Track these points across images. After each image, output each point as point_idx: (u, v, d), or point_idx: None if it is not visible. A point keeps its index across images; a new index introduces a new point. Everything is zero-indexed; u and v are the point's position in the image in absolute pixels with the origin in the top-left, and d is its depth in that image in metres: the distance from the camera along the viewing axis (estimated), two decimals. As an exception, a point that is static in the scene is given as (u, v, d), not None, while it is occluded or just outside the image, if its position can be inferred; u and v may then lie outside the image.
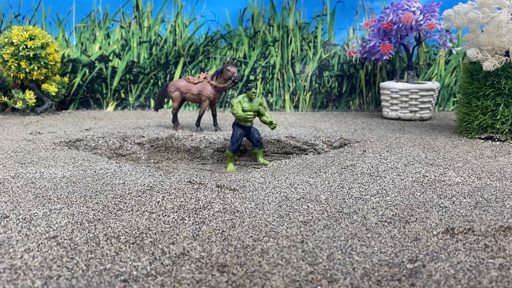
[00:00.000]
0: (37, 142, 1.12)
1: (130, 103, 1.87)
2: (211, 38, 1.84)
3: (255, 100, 1.02)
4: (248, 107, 1.01)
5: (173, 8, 1.84)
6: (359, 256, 0.45)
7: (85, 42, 1.87)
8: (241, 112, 1.00)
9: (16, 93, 1.65)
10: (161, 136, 1.23)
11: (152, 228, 0.54)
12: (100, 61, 1.85)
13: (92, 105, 1.86)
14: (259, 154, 1.06)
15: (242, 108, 1.00)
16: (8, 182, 0.76)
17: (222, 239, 0.50)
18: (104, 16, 1.83)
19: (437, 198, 0.66)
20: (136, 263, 0.44)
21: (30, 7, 1.83)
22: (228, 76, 1.34)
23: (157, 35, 1.85)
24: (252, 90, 1.00)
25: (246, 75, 1.85)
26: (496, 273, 0.41)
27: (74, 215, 0.59)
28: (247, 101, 1.01)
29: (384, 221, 0.56)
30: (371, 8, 1.79)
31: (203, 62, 1.87)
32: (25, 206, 0.63)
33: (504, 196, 0.66)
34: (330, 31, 1.82)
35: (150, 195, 0.69)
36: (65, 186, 0.74)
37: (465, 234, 0.51)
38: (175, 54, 1.86)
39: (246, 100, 1.01)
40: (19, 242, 0.49)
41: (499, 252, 0.45)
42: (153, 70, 1.87)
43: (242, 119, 1.01)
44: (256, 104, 1.02)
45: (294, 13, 1.81)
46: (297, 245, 0.48)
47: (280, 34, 1.81)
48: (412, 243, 0.48)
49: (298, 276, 0.41)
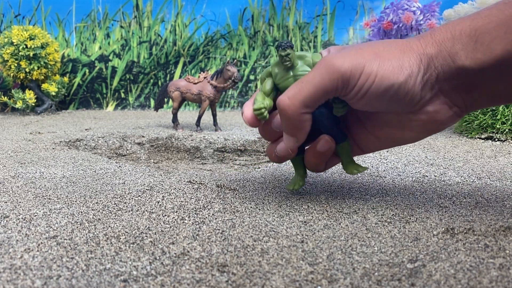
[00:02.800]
0: (37, 142, 1.12)
1: (130, 103, 1.87)
2: (211, 38, 1.84)
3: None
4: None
5: (173, 8, 1.84)
6: (359, 256, 0.45)
7: (85, 42, 1.86)
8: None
9: (16, 93, 1.64)
10: (161, 136, 1.23)
11: (152, 228, 0.54)
12: (100, 61, 1.85)
13: (92, 105, 1.86)
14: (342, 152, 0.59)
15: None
16: (8, 182, 0.76)
17: (222, 239, 0.50)
18: (104, 16, 1.83)
19: (437, 198, 0.66)
20: (136, 263, 0.44)
21: (30, 7, 1.83)
22: (228, 76, 1.34)
23: (157, 35, 1.85)
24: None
25: (246, 75, 1.85)
26: (496, 273, 0.41)
27: (74, 215, 0.59)
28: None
29: (384, 221, 0.56)
30: (371, 8, 1.79)
31: (203, 62, 1.86)
32: (25, 206, 0.63)
33: (504, 196, 0.66)
34: (330, 31, 1.81)
35: (150, 195, 0.69)
36: (65, 186, 0.74)
37: (465, 234, 0.51)
38: (175, 54, 1.86)
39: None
40: (19, 242, 0.49)
41: (499, 252, 0.45)
42: (153, 70, 1.86)
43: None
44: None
45: (294, 13, 1.81)
46: (297, 245, 0.48)
47: (280, 34, 1.81)
48: (412, 243, 0.48)
49: (298, 276, 0.41)
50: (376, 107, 0.52)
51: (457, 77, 0.49)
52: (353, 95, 0.50)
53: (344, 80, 0.49)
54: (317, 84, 0.49)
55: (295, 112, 0.51)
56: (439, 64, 0.49)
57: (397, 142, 0.58)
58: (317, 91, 0.50)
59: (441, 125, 0.53)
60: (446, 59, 0.48)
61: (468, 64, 0.47)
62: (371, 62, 0.48)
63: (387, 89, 0.48)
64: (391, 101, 0.50)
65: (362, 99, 0.50)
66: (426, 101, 0.51)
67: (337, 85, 0.49)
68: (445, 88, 0.50)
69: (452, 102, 0.52)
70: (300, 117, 0.51)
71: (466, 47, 0.47)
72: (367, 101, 0.50)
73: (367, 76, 0.48)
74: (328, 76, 0.49)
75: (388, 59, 0.48)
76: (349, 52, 0.50)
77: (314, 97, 0.50)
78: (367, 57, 0.49)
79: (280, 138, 0.59)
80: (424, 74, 0.49)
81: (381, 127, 0.57)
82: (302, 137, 0.55)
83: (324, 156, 0.59)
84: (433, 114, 0.52)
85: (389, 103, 0.51)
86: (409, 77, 0.48)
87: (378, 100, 0.50)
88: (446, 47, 0.48)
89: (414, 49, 0.50)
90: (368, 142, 0.60)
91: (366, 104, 0.51)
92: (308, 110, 0.51)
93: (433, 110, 0.52)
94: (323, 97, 0.50)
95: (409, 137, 0.56)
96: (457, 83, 0.49)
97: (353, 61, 0.48)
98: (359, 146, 0.61)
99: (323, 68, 0.49)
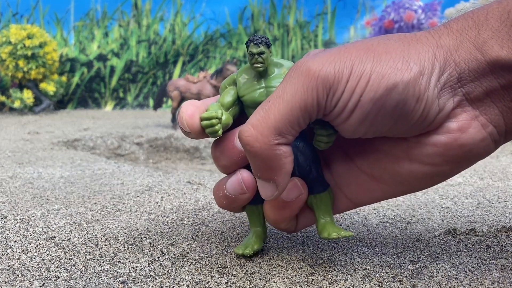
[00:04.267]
0: (35, 142, 1.12)
1: (128, 103, 1.87)
2: (211, 37, 1.83)
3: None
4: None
5: (172, 7, 1.83)
6: (360, 257, 0.44)
7: (84, 41, 1.86)
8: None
9: (14, 92, 1.64)
10: (160, 135, 1.22)
11: (151, 229, 0.53)
12: (98, 60, 1.84)
13: (90, 105, 1.85)
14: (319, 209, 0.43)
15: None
16: (6, 182, 0.76)
17: (222, 240, 0.50)
18: (102, 15, 1.82)
19: (439, 198, 0.65)
20: (135, 264, 0.43)
21: (28, 6, 1.82)
22: (227, 75, 1.34)
23: (156, 34, 1.84)
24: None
25: (246, 74, 1.85)
26: (498, 274, 0.40)
27: (72, 215, 0.58)
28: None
29: (385, 222, 0.55)
30: (372, 6, 1.79)
31: (202, 61, 1.86)
32: (23, 206, 0.62)
33: (507, 197, 0.66)
34: (331, 29, 1.81)
35: (149, 195, 0.68)
36: (63, 187, 0.73)
37: (467, 235, 0.50)
38: (174, 53, 1.86)
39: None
40: (17, 242, 0.49)
41: (501, 253, 0.45)
42: (152, 69, 1.86)
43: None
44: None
45: (295, 12, 1.81)
46: (297, 246, 0.48)
47: (280, 33, 1.81)
48: (413, 244, 0.48)
49: (299, 278, 0.40)
50: (375, 129, 0.37)
51: (491, 76, 0.35)
52: (340, 110, 0.35)
53: (325, 87, 0.35)
54: (289, 99, 0.35)
55: (265, 145, 0.35)
56: (462, 59, 0.35)
57: (404, 184, 0.40)
58: (291, 110, 0.35)
59: (469, 152, 0.37)
60: (471, 52, 0.35)
61: (505, 56, 0.34)
62: (361, 59, 0.35)
63: (388, 92, 0.34)
64: (395, 114, 0.35)
65: (352, 115, 0.35)
66: (447, 114, 0.36)
67: (317, 96, 0.35)
68: (473, 95, 0.36)
69: (485, 116, 0.36)
70: (273, 152, 0.36)
71: (498, 34, 0.34)
72: (361, 118, 0.35)
73: (357, 78, 0.34)
74: (303, 85, 0.35)
75: (386, 53, 0.35)
76: (329, 52, 0.36)
77: (289, 118, 0.35)
78: (356, 55, 0.35)
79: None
80: (441, 73, 0.35)
81: (378, 161, 0.41)
82: (283, 180, 0.38)
83: (291, 210, 0.42)
84: (457, 135, 0.36)
85: (393, 118, 0.36)
86: (419, 76, 0.34)
87: (376, 115, 0.35)
88: (469, 36, 0.36)
89: (423, 40, 0.37)
90: (360, 187, 0.42)
91: (360, 124, 0.36)
92: (283, 140, 0.36)
93: (457, 127, 0.36)
94: (302, 118, 0.36)
95: (422, 175, 0.39)
96: (492, 86, 0.36)
97: (336, 62, 0.35)
98: (347, 195, 0.43)
99: (295, 76, 0.36)
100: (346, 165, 0.43)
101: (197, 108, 0.40)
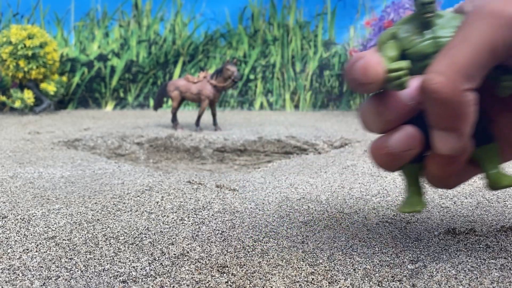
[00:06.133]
0: (36, 141, 1.12)
1: (129, 103, 1.87)
2: (211, 37, 1.83)
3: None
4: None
5: (172, 7, 1.83)
6: (360, 257, 0.44)
7: (84, 41, 1.86)
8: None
9: (14, 92, 1.64)
10: (160, 135, 1.23)
11: (151, 229, 0.53)
12: (99, 60, 1.84)
13: (90, 105, 1.85)
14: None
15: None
16: (7, 182, 0.76)
17: (222, 239, 0.50)
18: (103, 15, 1.82)
19: (438, 198, 0.65)
20: (135, 264, 0.43)
21: (28, 6, 1.82)
22: (227, 75, 1.34)
23: (156, 34, 1.84)
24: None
25: (246, 74, 1.85)
26: (498, 274, 0.40)
27: (72, 215, 0.58)
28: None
29: (385, 222, 0.55)
30: (372, 7, 1.79)
31: (202, 61, 1.86)
32: (24, 206, 0.63)
33: (506, 196, 0.66)
34: (331, 30, 1.81)
35: (149, 195, 0.69)
36: (63, 186, 0.74)
37: (467, 234, 0.51)
38: (175, 53, 1.86)
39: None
40: (18, 242, 0.49)
41: (501, 252, 0.45)
42: (152, 69, 1.86)
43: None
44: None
45: (295, 12, 1.81)
46: (297, 245, 0.48)
47: (280, 33, 1.81)
48: (413, 243, 0.48)
49: (299, 277, 0.40)
50: None
51: None
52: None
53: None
54: (477, 41, 0.34)
55: (455, 90, 0.35)
56: None
57: None
58: (480, 52, 0.34)
59: None
60: None
61: None
62: None
63: None
64: None
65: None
66: None
67: (506, 35, 0.34)
68: None
69: None
70: (463, 98, 0.35)
71: None
72: None
73: None
74: (489, 26, 0.34)
75: None
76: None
77: (479, 61, 0.35)
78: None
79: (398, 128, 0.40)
80: None
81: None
82: (467, 130, 0.37)
83: (458, 164, 0.40)
84: None
85: None
86: None
87: None
88: None
89: None
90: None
91: None
92: (471, 85, 0.35)
93: None
94: (490, 60, 0.35)
95: None
96: None
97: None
98: (511, 145, 0.42)
99: (477, 19, 0.35)
100: (509, 114, 0.42)
101: (374, 56, 0.39)
